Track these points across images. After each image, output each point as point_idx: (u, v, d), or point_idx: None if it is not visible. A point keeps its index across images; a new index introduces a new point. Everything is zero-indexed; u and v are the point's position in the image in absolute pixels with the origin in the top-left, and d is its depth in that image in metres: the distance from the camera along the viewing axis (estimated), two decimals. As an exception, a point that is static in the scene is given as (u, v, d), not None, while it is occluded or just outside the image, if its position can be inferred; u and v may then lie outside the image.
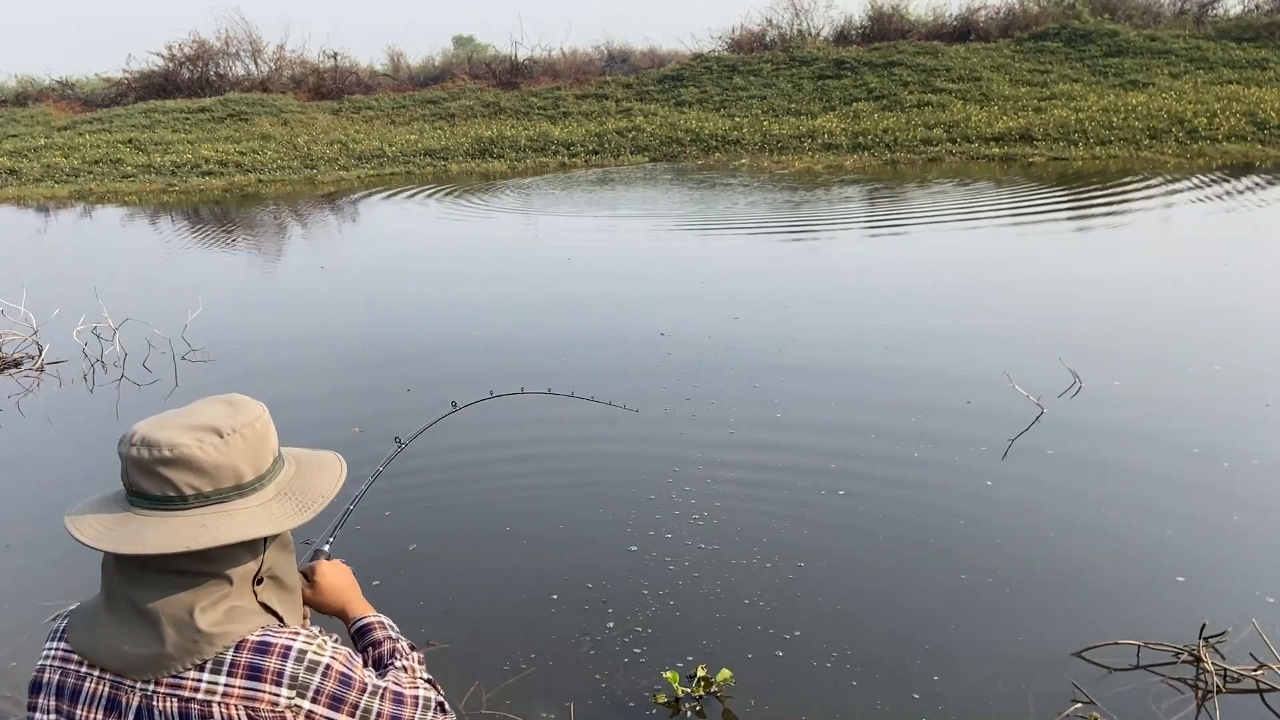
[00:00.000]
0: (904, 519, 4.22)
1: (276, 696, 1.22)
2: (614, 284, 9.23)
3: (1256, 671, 3.00)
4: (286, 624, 1.30)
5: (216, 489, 1.24)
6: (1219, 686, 3.00)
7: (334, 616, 1.62)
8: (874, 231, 11.63)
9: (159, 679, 1.23)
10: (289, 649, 1.24)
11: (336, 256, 11.83)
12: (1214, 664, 3.03)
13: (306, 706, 1.24)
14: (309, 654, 1.25)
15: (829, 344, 6.87)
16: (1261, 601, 3.44)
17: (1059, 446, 4.88)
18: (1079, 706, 2.93)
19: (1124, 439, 4.97)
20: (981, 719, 2.92)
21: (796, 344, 6.85)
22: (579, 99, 25.03)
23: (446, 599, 3.70)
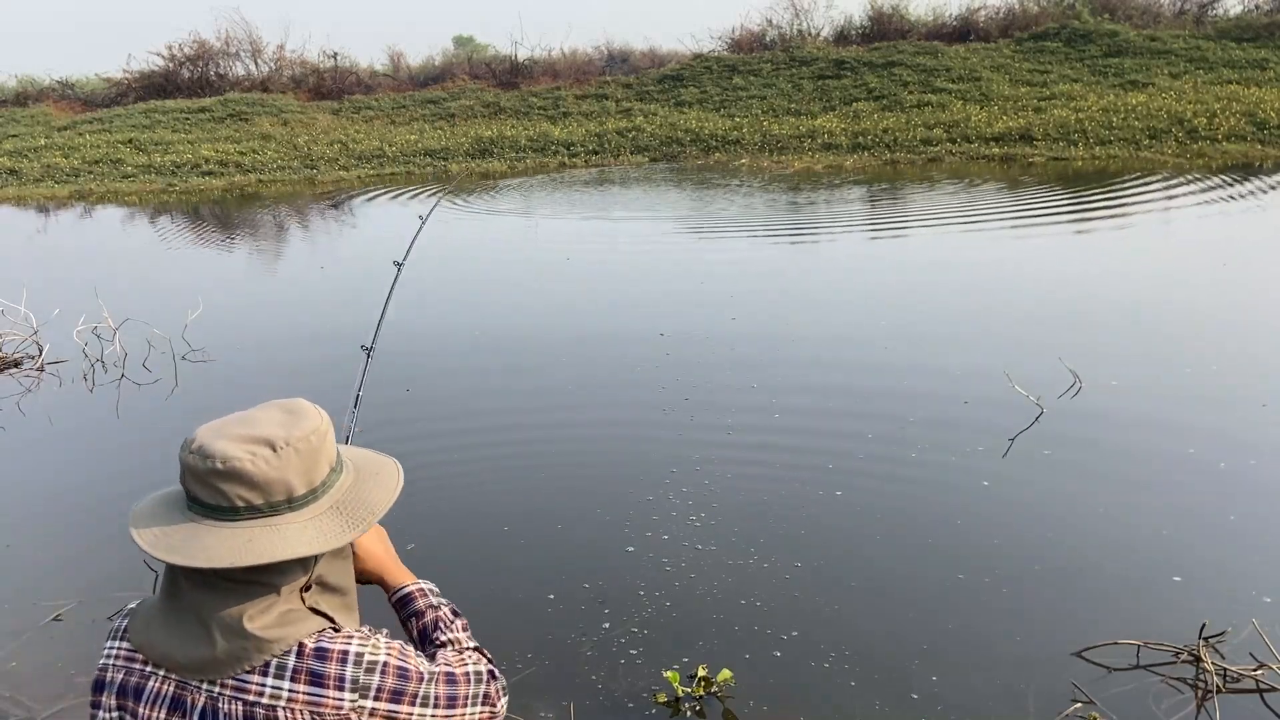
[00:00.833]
0: (903, 519, 4.22)
1: (340, 701, 1.25)
2: (613, 284, 9.23)
3: (1256, 671, 3.00)
4: (340, 626, 1.32)
5: (267, 501, 1.25)
6: (1219, 686, 3.00)
7: (374, 584, 1.62)
8: (873, 232, 11.63)
9: (223, 680, 1.25)
10: (346, 654, 1.27)
11: (336, 256, 11.84)
12: (1214, 664, 3.03)
13: (369, 705, 1.27)
14: (365, 655, 1.27)
15: (827, 344, 6.87)
16: (1259, 601, 3.44)
17: (1059, 446, 4.88)
18: (1079, 706, 2.93)
19: (1123, 439, 4.98)
20: (981, 719, 2.92)
21: (795, 344, 6.85)
22: (579, 99, 25.02)
23: (445, 598, 3.69)
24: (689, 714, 3.01)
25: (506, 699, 1.48)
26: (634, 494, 4.54)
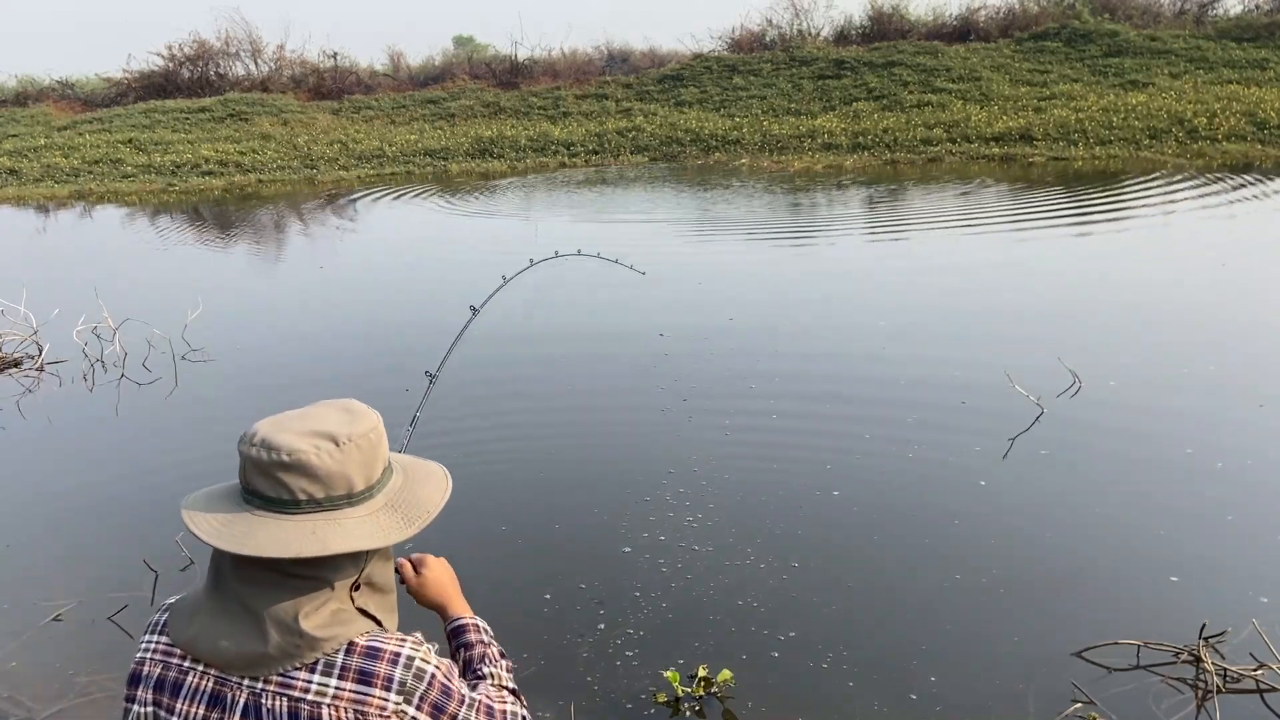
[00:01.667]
0: (902, 519, 4.22)
1: (385, 701, 1.25)
2: (612, 284, 9.22)
3: (1256, 671, 3.00)
4: (385, 628, 1.33)
5: (329, 496, 1.26)
6: (1219, 686, 3.00)
7: (432, 609, 1.66)
8: (872, 233, 11.63)
9: (267, 677, 1.25)
10: (398, 655, 1.28)
11: (335, 256, 11.83)
12: (1214, 664, 3.03)
13: (411, 712, 1.27)
14: (417, 660, 1.29)
15: (826, 345, 6.87)
16: (1258, 601, 3.44)
17: (1059, 446, 4.88)
18: (1079, 706, 2.93)
19: (1123, 439, 4.98)
20: (981, 719, 2.92)
21: (793, 345, 6.85)
22: (579, 99, 25.02)
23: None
24: (689, 714, 3.01)
25: None
26: (631, 494, 4.54)
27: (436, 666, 1.31)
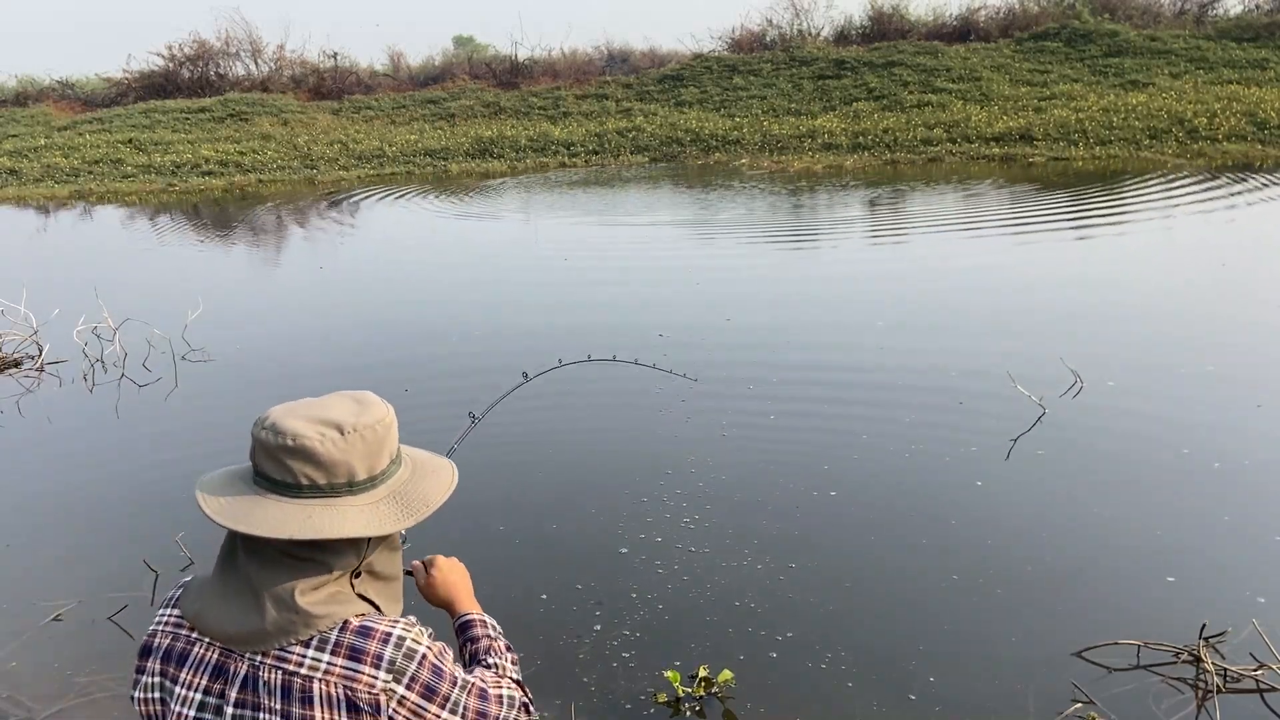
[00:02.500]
0: (902, 520, 4.22)
1: (374, 679, 1.28)
2: (611, 284, 9.22)
3: (1256, 671, 3.00)
4: (385, 614, 1.36)
5: (330, 482, 1.30)
6: (1219, 686, 3.00)
7: (441, 608, 1.71)
8: (872, 233, 11.63)
9: (266, 651, 1.29)
10: (389, 635, 1.31)
11: (335, 256, 11.83)
12: (1214, 664, 3.03)
13: (400, 692, 1.30)
14: (407, 641, 1.31)
15: (825, 345, 6.87)
16: (1257, 601, 3.44)
17: (1060, 446, 4.88)
18: (1079, 706, 2.93)
19: (1124, 439, 4.97)
20: (981, 719, 2.92)
21: (792, 345, 6.85)
22: (579, 99, 25.02)
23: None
24: (689, 714, 3.01)
25: None
26: (628, 494, 4.54)
27: (428, 648, 1.33)
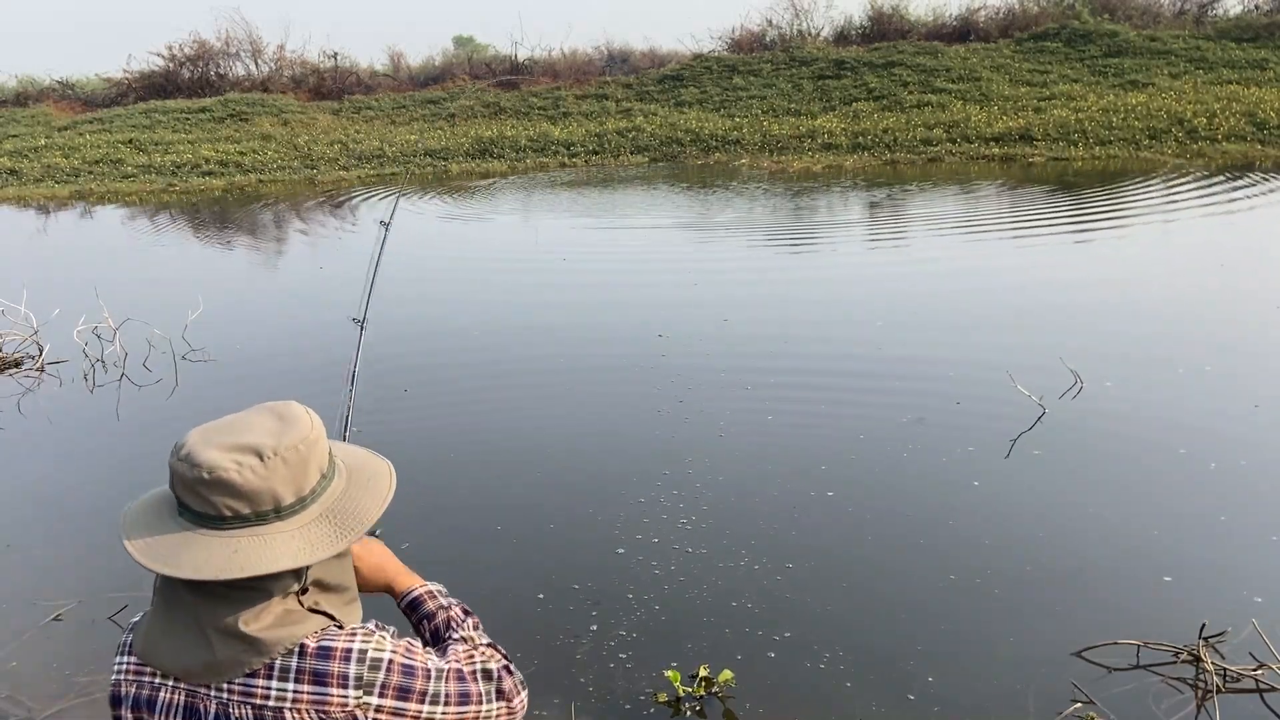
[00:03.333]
0: (900, 520, 4.21)
1: (345, 698, 1.25)
2: (610, 286, 9.23)
3: (1256, 671, 3.00)
4: (343, 624, 1.31)
5: (255, 511, 1.25)
6: (1219, 686, 3.00)
7: (381, 593, 1.62)
8: (871, 233, 11.63)
9: (229, 685, 1.25)
10: (350, 651, 1.26)
11: (335, 256, 11.83)
12: (1214, 664, 3.03)
13: (375, 702, 1.26)
14: (370, 652, 1.27)
15: (824, 345, 6.87)
16: (1257, 601, 3.44)
17: (1060, 446, 4.88)
18: (1079, 706, 2.93)
19: (1124, 439, 4.97)
20: (981, 719, 2.92)
21: (791, 346, 6.84)
22: (579, 99, 25.02)
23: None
24: (690, 714, 3.01)
25: (526, 693, 1.45)
26: (626, 495, 4.53)
27: (392, 651, 1.29)
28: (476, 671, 1.38)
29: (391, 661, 1.28)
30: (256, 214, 15.88)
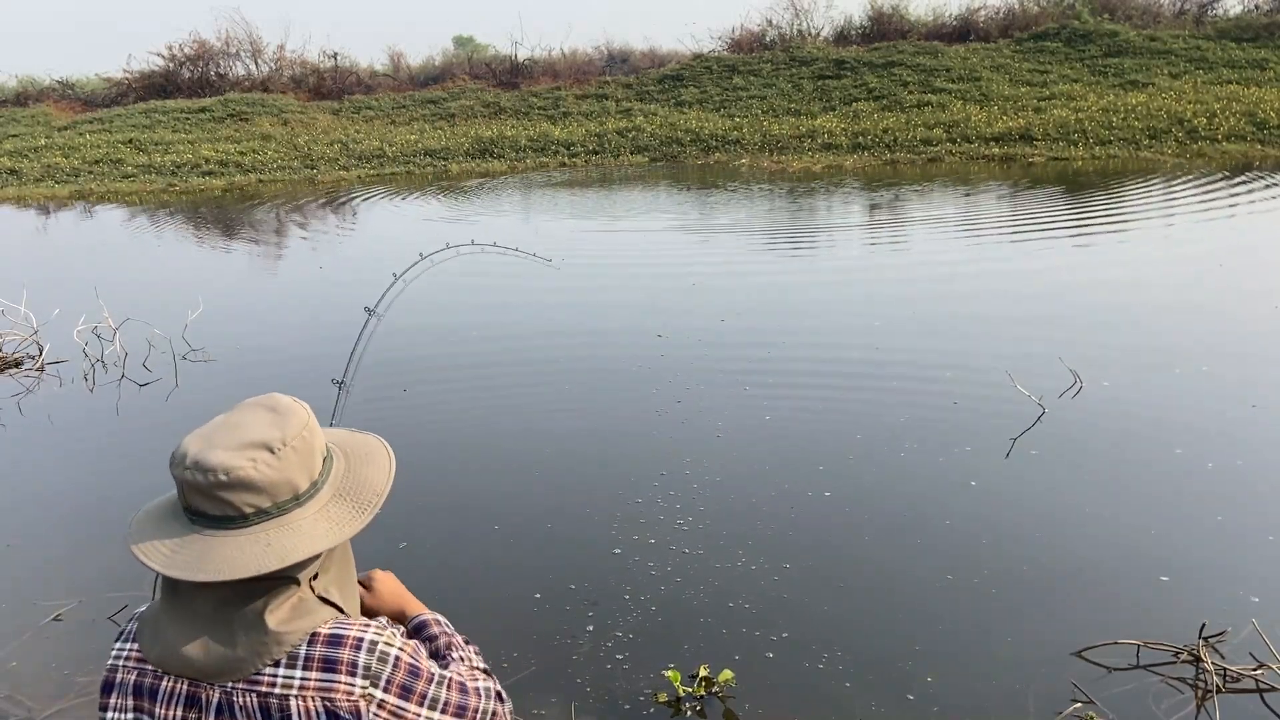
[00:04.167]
0: (899, 521, 4.21)
1: (352, 687, 1.26)
2: (607, 285, 9.23)
3: (1256, 671, 3.00)
4: (348, 614, 1.33)
5: (276, 503, 1.26)
6: (1219, 686, 3.00)
7: (392, 618, 1.64)
8: (870, 233, 11.63)
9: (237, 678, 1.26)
10: (361, 640, 1.27)
11: (335, 256, 11.83)
12: (1214, 664, 3.03)
13: (379, 695, 1.27)
14: (380, 644, 1.28)
15: (822, 346, 6.87)
16: (1248, 601, 3.43)
17: (1060, 446, 4.87)
18: (1079, 706, 2.93)
19: (1124, 439, 4.97)
20: (980, 719, 2.92)
21: (790, 346, 6.84)
22: (579, 99, 25.03)
23: (442, 598, 3.69)
24: (690, 714, 3.00)
25: None
26: (623, 495, 4.53)
27: (401, 648, 1.30)
28: (479, 689, 1.41)
29: (399, 658, 1.29)
30: (256, 214, 15.88)
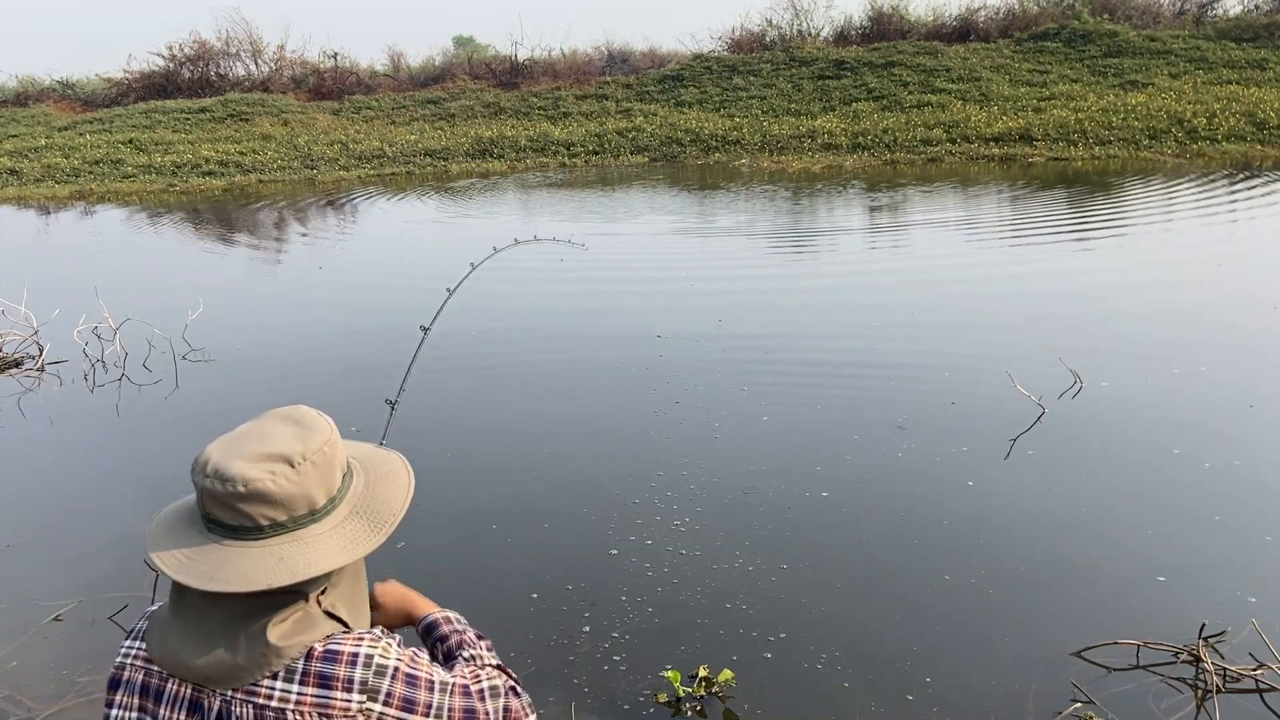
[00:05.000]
0: (898, 521, 4.21)
1: (348, 702, 1.25)
2: (606, 286, 9.23)
3: (1256, 671, 3.00)
4: (352, 628, 1.32)
5: (292, 517, 1.26)
6: (1218, 686, 3.00)
7: (404, 627, 1.65)
8: (870, 233, 11.63)
9: (236, 686, 1.26)
10: (356, 655, 1.27)
11: (335, 256, 11.83)
12: (1213, 664, 3.03)
13: (378, 710, 1.27)
14: (375, 658, 1.27)
15: (820, 346, 6.87)
16: (1245, 600, 3.43)
17: (1060, 446, 4.87)
18: (1078, 706, 2.93)
19: (1123, 439, 4.97)
20: (981, 719, 2.92)
21: (787, 346, 6.84)
22: (579, 99, 25.03)
23: (441, 598, 3.69)
24: (690, 714, 3.01)
25: (534, 717, 1.45)
26: (621, 496, 4.52)
27: (398, 659, 1.29)
28: (483, 690, 1.39)
29: (397, 670, 1.28)
30: (256, 214, 15.88)
